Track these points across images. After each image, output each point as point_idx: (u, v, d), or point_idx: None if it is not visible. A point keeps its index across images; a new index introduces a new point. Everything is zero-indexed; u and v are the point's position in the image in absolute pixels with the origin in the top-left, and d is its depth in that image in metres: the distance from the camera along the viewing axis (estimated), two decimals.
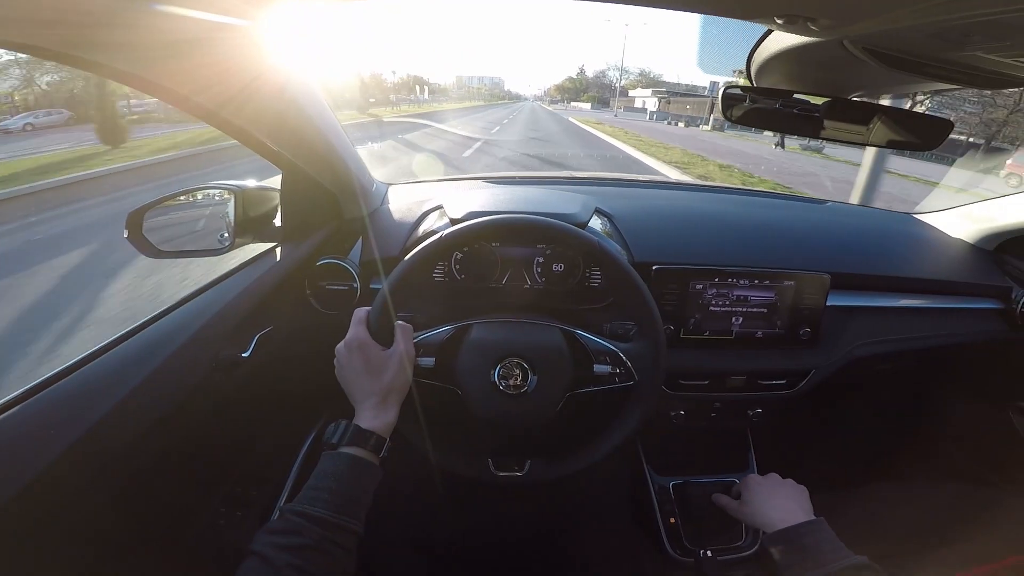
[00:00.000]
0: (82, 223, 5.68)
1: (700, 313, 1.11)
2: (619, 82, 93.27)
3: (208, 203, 1.04)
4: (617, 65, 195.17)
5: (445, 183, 1.50)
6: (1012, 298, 1.30)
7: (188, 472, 0.91)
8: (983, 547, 1.04)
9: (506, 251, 1.09)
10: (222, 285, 0.93)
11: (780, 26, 0.63)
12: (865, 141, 0.96)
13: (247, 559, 0.56)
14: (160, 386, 0.76)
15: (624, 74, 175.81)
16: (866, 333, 1.22)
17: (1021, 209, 1.31)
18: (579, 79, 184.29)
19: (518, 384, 0.83)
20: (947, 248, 1.41)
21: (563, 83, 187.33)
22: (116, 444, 0.69)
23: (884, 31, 0.59)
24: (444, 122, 26.18)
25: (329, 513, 0.61)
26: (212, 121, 0.76)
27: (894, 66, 0.70)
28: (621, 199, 1.31)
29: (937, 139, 0.91)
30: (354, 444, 0.69)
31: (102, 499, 0.70)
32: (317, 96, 0.89)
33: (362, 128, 19.64)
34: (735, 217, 1.36)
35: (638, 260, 1.10)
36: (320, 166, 0.99)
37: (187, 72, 0.65)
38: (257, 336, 0.94)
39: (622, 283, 0.82)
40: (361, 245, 1.10)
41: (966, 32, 0.54)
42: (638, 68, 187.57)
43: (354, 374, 0.75)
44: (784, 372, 1.16)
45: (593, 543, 1.34)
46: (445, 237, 0.81)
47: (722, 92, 0.91)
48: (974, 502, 1.20)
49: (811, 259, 1.20)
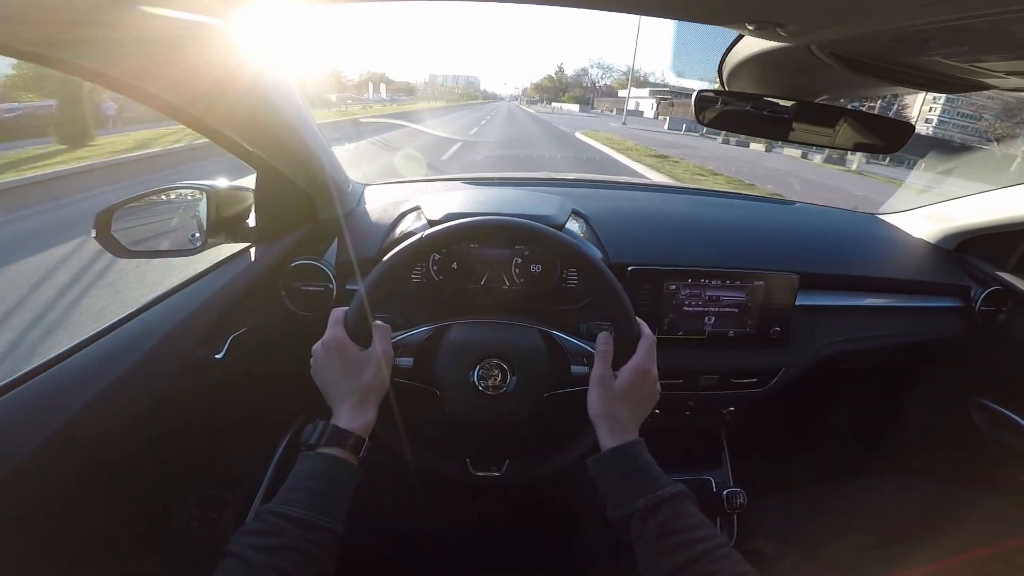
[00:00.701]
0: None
1: (674, 313, 1.13)
2: (628, 77, 62.45)
3: (180, 203, 1.02)
4: (600, 63, 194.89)
5: (423, 183, 1.50)
6: (971, 296, 1.35)
7: (162, 473, 0.90)
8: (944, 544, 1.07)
9: (485, 252, 1.09)
10: (194, 286, 0.91)
11: (751, 32, 0.65)
12: (832, 143, 0.98)
13: (224, 560, 0.56)
14: (131, 388, 0.75)
15: (606, 72, 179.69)
16: (834, 332, 1.26)
17: (979, 209, 1.36)
18: (558, 78, 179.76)
19: (497, 385, 0.83)
20: (910, 248, 1.45)
21: (542, 82, 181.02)
22: (85, 446, 0.68)
23: (849, 37, 0.61)
24: (381, 133, 17.75)
25: (307, 513, 0.60)
26: (183, 120, 0.74)
27: (859, 71, 0.73)
28: (598, 200, 1.33)
29: (899, 142, 0.94)
30: (332, 444, 0.68)
31: (73, 500, 0.69)
32: (291, 95, 0.88)
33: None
34: (708, 218, 1.38)
35: (614, 261, 1.11)
36: (294, 166, 0.98)
37: (158, 70, 0.64)
38: (231, 337, 0.92)
39: (598, 284, 0.83)
40: (337, 246, 1.09)
41: (925, 38, 0.56)
42: (624, 65, 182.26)
43: (332, 374, 0.75)
44: (755, 371, 1.19)
45: (570, 542, 1.35)
46: (424, 239, 0.81)
47: (695, 95, 0.93)
48: (936, 499, 1.24)
49: (780, 259, 1.22)
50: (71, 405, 0.67)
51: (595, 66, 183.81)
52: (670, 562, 0.59)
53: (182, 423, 0.89)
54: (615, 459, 0.71)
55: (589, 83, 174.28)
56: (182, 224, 1.03)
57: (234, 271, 0.96)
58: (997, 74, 0.71)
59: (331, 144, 1.07)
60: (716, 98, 0.96)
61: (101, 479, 0.73)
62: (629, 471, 0.69)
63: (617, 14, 1.24)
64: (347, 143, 13.12)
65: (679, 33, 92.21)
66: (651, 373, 0.77)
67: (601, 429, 0.74)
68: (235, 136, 0.83)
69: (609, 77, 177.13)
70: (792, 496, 1.02)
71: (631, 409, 0.75)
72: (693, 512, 0.65)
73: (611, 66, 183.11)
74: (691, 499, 0.67)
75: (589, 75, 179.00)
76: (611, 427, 0.74)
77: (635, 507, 0.65)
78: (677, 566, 0.58)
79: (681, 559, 0.59)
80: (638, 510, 0.65)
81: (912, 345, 1.36)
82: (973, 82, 0.77)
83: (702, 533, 0.61)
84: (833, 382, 1.59)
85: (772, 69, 0.84)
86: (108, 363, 0.74)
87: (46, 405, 0.66)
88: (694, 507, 0.66)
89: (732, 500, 1.19)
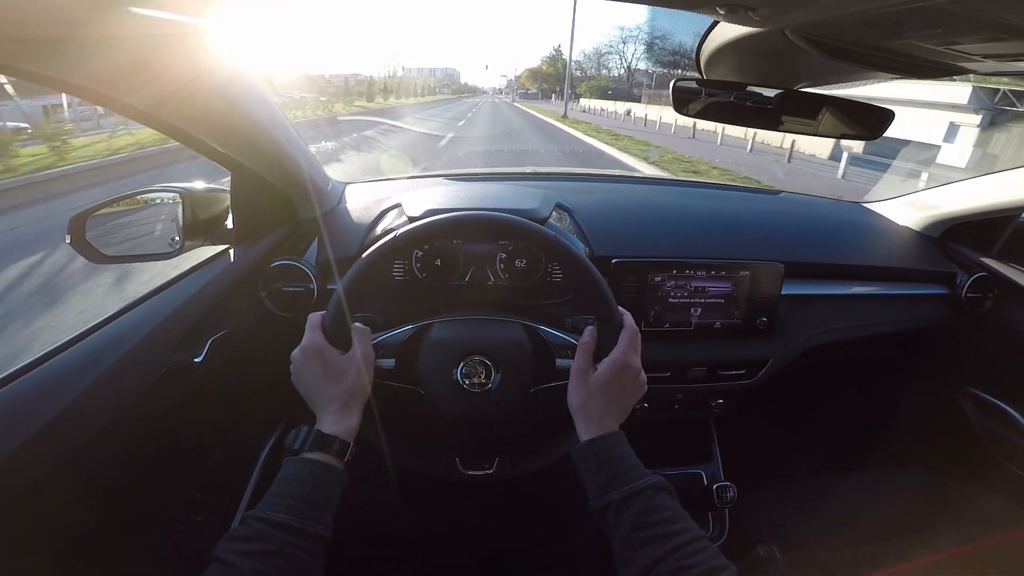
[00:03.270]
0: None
1: (659, 305, 1.12)
2: (567, 72, 30.11)
3: (156, 206, 1.01)
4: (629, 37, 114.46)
5: (405, 181, 1.49)
6: (956, 283, 1.35)
7: (144, 478, 0.89)
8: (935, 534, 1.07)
9: (468, 248, 1.08)
10: (172, 289, 0.90)
11: (724, 16, 0.64)
12: (815, 132, 0.98)
13: (211, 566, 0.55)
14: (110, 392, 0.74)
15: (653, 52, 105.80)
16: (820, 322, 1.26)
17: (964, 196, 1.36)
18: (559, 62, 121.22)
19: (482, 382, 0.83)
20: (895, 236, 1.45)
21: (541, 67, 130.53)
22: (65, 449, 0.68)
23: (822, 20, 0.60)
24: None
25: (294, 518, 0.60)
26: (151, 123, 0.73)
27: (835, 56, 0.72)
28: (581, 193, 1.32)
29: (880, 128, 0.94)
30: (317, 449, 0.68)
31: (54, 502, 0.69)
32: (263, 95, 0.86)
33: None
34: (692, 209, 1.38)
35: (597, 254, 1.11)
36: (270, 166, 0.97)
37: (125, 73, 0.62)
38: (211, 340, 0.91)
39: (579, 277, 0.82)
40: (317, 246, 1.08)
41: (898, 20, 0.56)
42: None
43: (313, 380, 0.74)
44: (743, 362, 1.18)
45: (560, 537, 1.34)
46: (401, 235, 0.80)
47: (673, 85, 0.92)
48: (927, 489, 1.24)
49: (765, 249, 1.22)
50: (50, 409, 0.66)
51: (630, 39, 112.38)
52: (644, 555, 0.59)
53: (163, 426, 0.88)
54: (591, 451, 0.70)
55: (620, 66, 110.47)
56: (159, 228, 1.01)
57: (213, 273, 0.95)
58: (974, 58, 0.70)
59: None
60: (698, 89, 0.95)
61: (82, 482, 0.73)
62: (604, 463, 0.68)
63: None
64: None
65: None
66: (631, 366, 0.75)
67: (579, 422, 0.74)
68: (206, 138, 0.82)
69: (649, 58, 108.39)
70: (783, 489, 1.01)
71: (609, 402, 0.74)
72: (669, 504, 0.64)
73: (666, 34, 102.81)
74: (668, 491, 0.66)
75: (608, 61, 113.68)
76: (588, 420, 0.73)
77: (610, 499, 0.64)
78: (651, 559, 0.58)
79: (655, 552, 0.58)
80: (612, 502, 0.64)
81: (900, 333, 1.36)
82: (951, 66, 0.76)
83: (677, 526, 0.61)
84: (822, 373, 1.59)
85: (749, 56, 0.83)
86: (86, 367, 0.73)
87: (25, 409, 0.65)
88: (671, 499, 0.65)
89: (723, 494, 1.19)
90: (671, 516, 0.62)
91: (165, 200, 1.00)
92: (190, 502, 1.06)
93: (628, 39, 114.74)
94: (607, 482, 0.66)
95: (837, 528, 1.11)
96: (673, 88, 0.92)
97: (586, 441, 0.71)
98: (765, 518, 1.17)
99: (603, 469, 0.68)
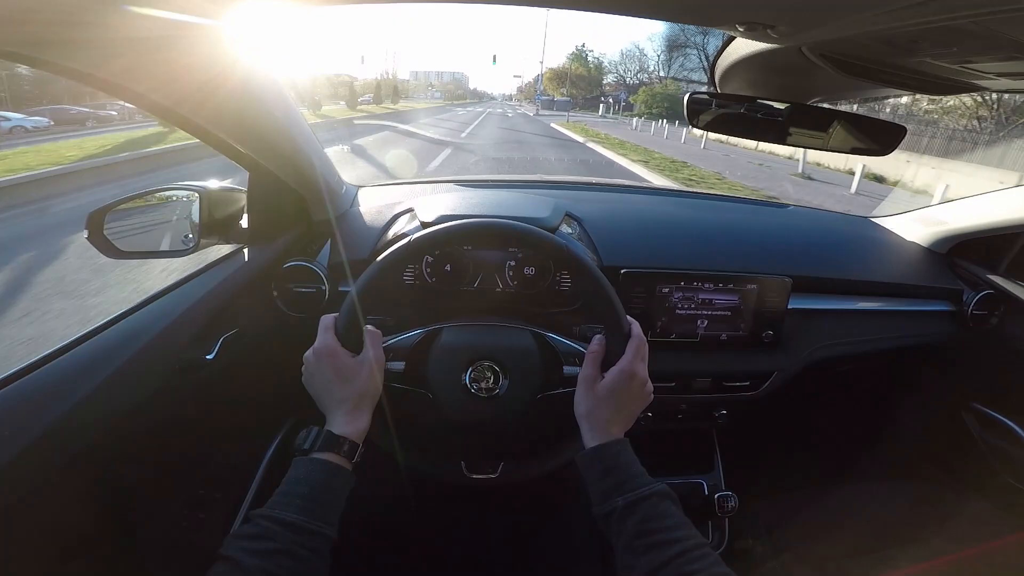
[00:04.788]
0: None
1: (667, 316, 1.13)
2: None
3: (173, 204, 1.03)
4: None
5: (416, 186, 1.50)
6: (963, 300, 1.35)
7: (150, 474, 0.89)
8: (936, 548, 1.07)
9: (478, 255, 1.09)
10: (186, 287, 0.91)
11: (742, 33, 0.65)
12: (825, 146, 0.99)
13: (217, 563, 0.55)
14: (121, 388, 0.74)
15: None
16: (826, 335, 1.26)
17: (972, 213, 1.36)
18: (589, 62, 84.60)
19: (489, 387, 0.83)
20: (903, 251, 1.45)
21: (567, 67, 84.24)
22: (74, 446, 0.68)
23: (839, 38, 0.61)
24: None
25: (303, 518, 0.60)
26: (173, 120, 0.74)
27: (849, 72, 0.73)
28: (591, 203, 1.33)
29: (891, 144, 0.94)
30: (326, 450, 0.68)
31: (62, 499, 0.69)
32: (283, 96, 0.87)
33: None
34: (701, 221, 1.38)
35: (606, 264, 1.11)
36: (287, 167, 0.98)
37: (148, 70, 0.64)
38: (222, 338, 0.92)
39: (588, 286, 0.83)
40: (330, 248, 1.09)
41: (914, 39, 0.56)
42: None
43: (324, 382, 0.74)
44: (748, 374, 1.19)
45: (561, 542, 1.34)
46: (415, 241, 0.81)
47: (687, 98, 0.93)
48: (929, 503, 1.24)
49: (773, 263, 1.22)
50: (60, 404, 0.67)
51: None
52: (646, 561, 0.59)
53: (172, 423, 0.88)
54: (596, 457, 0.71)
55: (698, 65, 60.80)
56: (175, 225, 1.03)
57: (226, 272, 0.95)
58: (987, 75, 0.71)
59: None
60: (709, 101, 0.96)
61: (90, 478, 0.73)
62: (609, 469, 0.69)
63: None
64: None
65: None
66: (638, 375, 0.76)
67: (584, 429, 0.74)
68: (226, 136, 0.83)
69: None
70: (784, 500, 1.02)
71: (615, 410, 0.74)
72: (672, 512, 0.64)
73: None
74: (672, 499, 0.66)
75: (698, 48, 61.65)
76: (593, 427, 0.73)
77: (614, 505, 0.65)
78: (653, 566, 0.58)
79: (657, 559, 0.58)
80: (616, 508, 0.64)
81: (904, 349, 1.36)
82: (963, 83, 0.77)
83: (680, 533, 0.61)
84: (826, 386, 1.59)
85: (764, 71, 0.84)
86: (98, 362, 0.73)
87: (35, 404, 0.66)
88: (675, 507, 0.65)
89: (723, 503, 1.19)
90: (674, 523, 0.63)
91: (182, 198, 1.01)
92: (194, 499, 1.07)
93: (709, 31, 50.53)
94: (611, 488, 0.67)
95: (837, 538, 1.11)
96: (688, 100, 0.93)
97: (592, 448, 0.72)
98: (765, 528, 1.17)
99: (608, 475, 0.68)
